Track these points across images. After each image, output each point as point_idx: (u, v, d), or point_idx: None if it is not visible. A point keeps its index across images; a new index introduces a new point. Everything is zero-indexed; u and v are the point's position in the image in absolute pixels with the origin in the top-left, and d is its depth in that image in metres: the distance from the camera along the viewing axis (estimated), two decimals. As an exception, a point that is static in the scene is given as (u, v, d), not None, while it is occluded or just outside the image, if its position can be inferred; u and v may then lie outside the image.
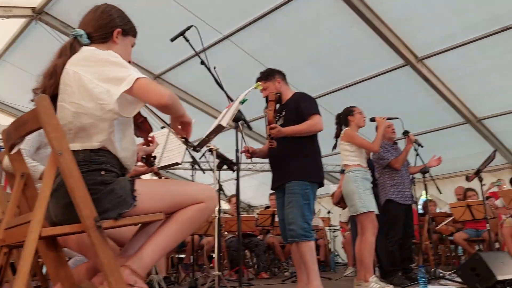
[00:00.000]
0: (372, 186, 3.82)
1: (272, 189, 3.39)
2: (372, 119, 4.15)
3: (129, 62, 1.77)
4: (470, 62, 5.72)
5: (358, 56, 5.90)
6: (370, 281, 3.59)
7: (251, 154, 3.37)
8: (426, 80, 6.01)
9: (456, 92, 6.35)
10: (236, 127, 2.82)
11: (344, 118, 4.04)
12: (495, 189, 6.14)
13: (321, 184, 3.21)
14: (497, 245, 5.48)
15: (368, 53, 5.81)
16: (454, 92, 6.35)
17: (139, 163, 2.13)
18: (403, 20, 5.26)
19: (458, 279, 3.81)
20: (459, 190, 6.64)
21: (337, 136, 4.02)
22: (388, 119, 4.22)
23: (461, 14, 5.05)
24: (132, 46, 1.82)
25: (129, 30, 1.78)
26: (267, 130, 3.10)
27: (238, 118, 2.70)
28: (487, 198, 5.54)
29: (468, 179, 4.59)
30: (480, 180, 4.40)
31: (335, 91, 6.67)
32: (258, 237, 6.43)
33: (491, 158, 4.48)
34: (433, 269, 4.42)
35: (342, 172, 4.25)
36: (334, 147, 4.02)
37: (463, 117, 6.75)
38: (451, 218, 6.09)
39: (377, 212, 3.72)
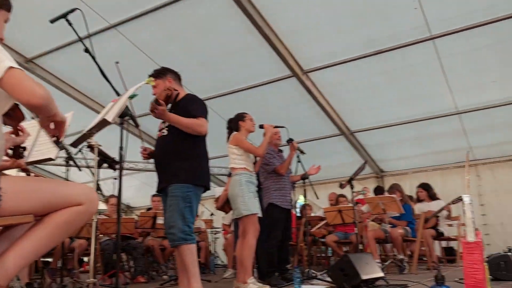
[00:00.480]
0: (257, 190, 3.92)
1: (157, 191, 3.26)
2: (261, 126, 4.28)
3: (1, 40, 1.54)
4: (348, 79, 6.24)
5: (250, 62, 6.03)
6: (249, 283, 3.67)
7: (148, 155, 3.24)
8: (309, 92, 6.40)
9: (334, 105, 6.88)
10: (121, 124, 2.64)
11: (235, 123, 4.10)
12: (360, 196, 6.77)
13: (206, 188, 3.18)
14: (360, 247, 6.04)
15: (259, 61, 5.97)
16: (332, 106, 6.87)
17: (4, 157, 1.85)
18: (292, 32, 5.51)
19: (329, 279, 4.10)
20: (332, 196, 7.20)
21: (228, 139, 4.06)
22: (276, 127, 4.41)
23: (343, 34, 5.47)
24: (6, 21, 1.59)
25: (2, 3, 1.55)
26: (151, 106, 2.98)
27: (125, 114, 2.54)
28: (356, 204, 6.08)
29: (342, 186, 4.99)
30: (352, 187, 4.83)
31: (225, 95, 6.73)
32: (137, 240, 6.15)
33: (361, 169, 4.93)
34: (306, 270, 4.69)
35: (229, 175, 4.29)
36: None
37: (338, 129, 7.34)
38: (324, 222, 6.57)
39: (260, 215, 3.82)
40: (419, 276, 4.62)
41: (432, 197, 6.17)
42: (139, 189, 9.83)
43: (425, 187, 6.28)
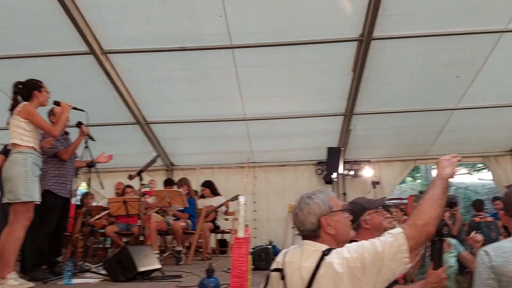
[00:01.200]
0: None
1: None
2: (57, 103, 3.83)
3: None
4: (149, 69, 6.16)
5: (40, 28, 5.30)
6: (8, 278, 3.25)
7: None
8: (107, 74, 6.04)
9: (133, 92, 6.68)
10: None
11: (28, 91, 3.52)
12: (146, 188, 6.75)
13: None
14: (141, 238, 6.02)
15: (52, 28, 5.31)
16: (130, 93, 6.65)
17: None
18: (94, 7, 5.13)
19: (104, 272, 3.95)
20: (119, 186, 6.97)
21: (13, 108, 3.47)
22: (75, 108, 4.00)
23: (150, 23, 5.36)
24: None
25: None
26: None
27: None
28: (143, 195, 6.04)
29: (131, 177, 4.88)
30: (141, 179, 4.77)
31: (4, 59, 5.74)
32: None
33: (153, 161, 4.93)
34: (80, 262, 4.41)
35: (3, 152, 3.69)
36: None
37: (134, 118, 7.15)
38: (106, 212, 6.28)
39: (39, 203, 3.41)
40: (194, 266, 4.91)
41: (215, 192, 6.64)
42: None
43: (208, 184, 6.71)
